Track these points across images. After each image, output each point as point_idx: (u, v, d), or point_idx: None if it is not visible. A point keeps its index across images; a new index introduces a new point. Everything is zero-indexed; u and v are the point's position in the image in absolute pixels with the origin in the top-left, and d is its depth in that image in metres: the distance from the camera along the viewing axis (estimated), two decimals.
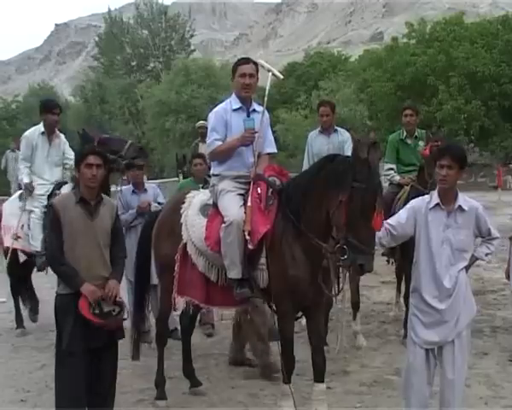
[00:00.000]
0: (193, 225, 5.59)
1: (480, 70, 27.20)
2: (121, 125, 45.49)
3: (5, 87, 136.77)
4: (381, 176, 6.47)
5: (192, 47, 56.60)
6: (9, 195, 15.59)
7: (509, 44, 27.98)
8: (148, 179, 32.61)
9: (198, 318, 7.19)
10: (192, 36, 56.19)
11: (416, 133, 7.98)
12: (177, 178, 11.06)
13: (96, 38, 58.01)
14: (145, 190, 7.94)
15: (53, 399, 5.98)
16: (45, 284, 11.54)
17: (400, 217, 4.74)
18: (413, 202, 4.79)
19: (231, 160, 5.50)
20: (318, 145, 7.77)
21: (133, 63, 53.01)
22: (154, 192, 8.07)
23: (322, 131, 7.92)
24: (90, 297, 4.59)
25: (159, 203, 7.72)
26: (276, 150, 5.85)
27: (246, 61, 5.65)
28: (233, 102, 5.60)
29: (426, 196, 4.79)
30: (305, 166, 7.38)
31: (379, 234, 4.63)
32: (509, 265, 7.27)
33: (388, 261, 8.14)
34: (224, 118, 5.53)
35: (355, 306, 7.46)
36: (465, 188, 4.91)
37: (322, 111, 7.88)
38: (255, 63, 5.63)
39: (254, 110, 5.63)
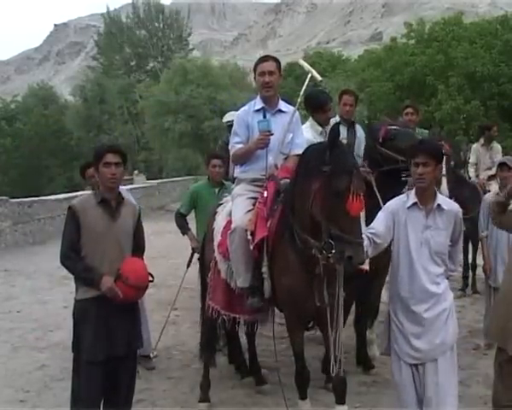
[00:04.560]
0: (218, 231, 5.53)
1: (479, 70, 27.18)
2: (120, 125, 45.54)
3: (4, 87, 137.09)
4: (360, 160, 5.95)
5: (191, 46, 56.65)
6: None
7: (507, 44, 27.94)
8: (148, 179, 32.57)
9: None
10: (190, 34, 56.24)
11: (417, 132, 7.92)
12: (178, 178, 10.86)
13: (96, 38, 58.05)
14: None
15: (52, 399, 6.02)
16: (45, 283, 11.62)
17: (380, 222, 4.44)
18: (389, 204, 4.57)
19: (249, 162, 5.38)
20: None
21: (132, 63, 53.08)
22: None
23: (341, 123, 6.88)
24: (109, 294, 4.42)
25: None
26: None
27: (265, 58, 5.42)
28: (256, 102, 5.41)
29: (402, 195, 4.58)
30: None
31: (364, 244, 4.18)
32: (485, 262, 7.33)
33: None
34: (246, 120, 5.36)
35: (373, 313, 7.04)
36: None
37: (345, 100, 7.01)
38: (276, 60, 5.41)
39: (280, 110, 5.42)
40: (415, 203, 4.36)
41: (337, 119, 7.01)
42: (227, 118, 7.99)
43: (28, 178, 46.67)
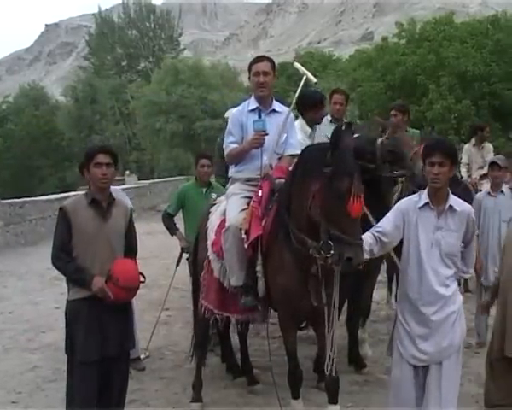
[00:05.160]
0: (212, 230, 5.53)
1: (470, 69, 27.24)
2: (112, 126, 45.46)
3: None
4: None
5: (182, 46, 56.61)
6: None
7: (498, 44, 28.01)
8: (139, 180, 32.47)
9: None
10: (181, 34, 56.21)
11: (409, 132, 7.89)
12: (169, 179, 10.75)
13: (87, 38, 57.96)
14: None
15: (44, 400, 6.00)
16: (36, 284, 11.58)
17: (388, 221, 4.39)
18: (400, 203, 4.51)
19: (244, 162, 5.37)
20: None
21: (123, 63, 53.01)
22: None
23: (332, 121, 7.08)
24: (100, 294, 4.42)
25: None
26: (298, 151, 5.26)
27: (260, 59, 5.43)
28: (251, 102, 5.41)
29: (413, 195, 4.49)
30: None
31: (369, 241, 4.23)
32: (476, 261, 7.32)
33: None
34: (240, 120, 5.37)
35: (365, 312, 6.99)
36: None
37: (335, 98, 7.14)
38: (271, 61, 5.42)
39: (274, 111, 5.43)
40: (426, 203, 4.29)
41: (328, 118, 7.05)
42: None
43: (19, 179, 46.53)
